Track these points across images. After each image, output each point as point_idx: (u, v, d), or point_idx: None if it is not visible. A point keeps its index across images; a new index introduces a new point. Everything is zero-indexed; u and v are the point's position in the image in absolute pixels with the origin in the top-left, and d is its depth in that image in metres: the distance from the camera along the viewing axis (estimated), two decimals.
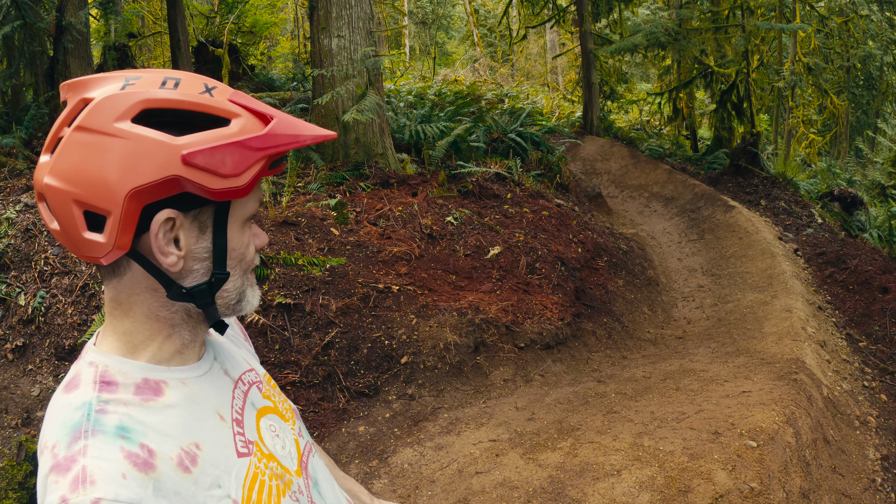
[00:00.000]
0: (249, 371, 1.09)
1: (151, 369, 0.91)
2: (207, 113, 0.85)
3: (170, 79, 0.87)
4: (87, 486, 0.76)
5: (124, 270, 0.90)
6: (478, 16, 22.28)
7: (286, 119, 0.90)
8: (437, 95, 12.30)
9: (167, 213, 0.85)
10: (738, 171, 10.24)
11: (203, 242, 0.90)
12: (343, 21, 6.81)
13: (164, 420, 0.87)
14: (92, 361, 0.91)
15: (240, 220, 0.93)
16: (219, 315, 0.95)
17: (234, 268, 0.94)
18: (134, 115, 0.82)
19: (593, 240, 7.04)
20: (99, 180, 0.80)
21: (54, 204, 0.84)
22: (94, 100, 0.83)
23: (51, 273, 4.93)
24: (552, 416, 3.81)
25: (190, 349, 0.97)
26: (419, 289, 4.97)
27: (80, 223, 0.83)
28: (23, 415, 4.21)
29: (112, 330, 0.93)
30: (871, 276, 6.45)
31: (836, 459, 3.66)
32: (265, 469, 0.97)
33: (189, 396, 0.92)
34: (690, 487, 2.73)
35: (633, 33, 10.40)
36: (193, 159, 0.81)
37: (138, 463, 0.80)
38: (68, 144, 0.82)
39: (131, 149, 0.80)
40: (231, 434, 0.95)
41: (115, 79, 0.86)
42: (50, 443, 0.82)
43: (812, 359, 4.74)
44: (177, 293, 0.90)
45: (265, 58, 15.26)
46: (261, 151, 0.86)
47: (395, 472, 3.39)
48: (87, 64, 8.07)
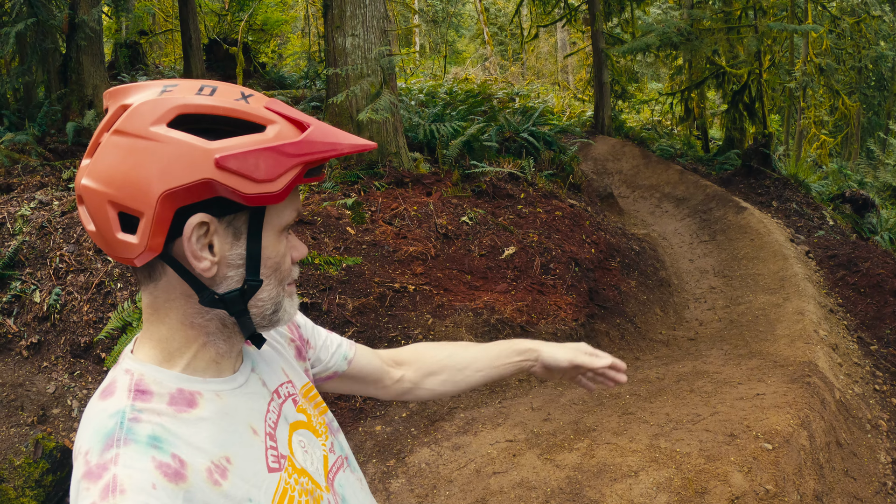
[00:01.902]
0: (287, 383, 1.09)
1: (187, 380, 0.92)
2: (243, 119, 0.86)
3: (207, 86, 0.89)
4: (117, 494, 0.77)
5: (160, 275, 0.90)
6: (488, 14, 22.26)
7: (323, 127, 0.90)
8: (448, 94, 12.31)
9: (200, 217, 0.85)
10: (749, 171, 10.22)
11: (237, 249, 0.90)
12: (357, 20, 6.84)
13: (197, 432, 0.87)
14: (128, 369, 0.92)
15: (276, 228, 0.93)
16: (254, 326, 0.95)
17: (268, 276, 0.93)
18: (170, 119, 0.83)
19: (606, 240, 7.05)
20: (133, 181, 0.82)
21: (91, 205, 0.86)
22: (132, 105, 0.85)
23: (66, 270, 4.95)
24: (568, 416, 3.84)
25: (226, 359, 0.97)
26: (435, 288, 5.00)
27: (115, 224, 0.85)
28: (38, 412, 4.22)
29: (149, 337, 0.94)
30: (883, 279, 6.45)
31: (849, 463, 3.68)
32: (295, 485, 0.97)
33: (223, 409, 0.93)
34: (707, 489, 2.76)
35: (646, 33, 10.38)
36: (227, 163, 0.82)
37: (169, 473, 0.81)
38: (106, 147, 0.84)
39: (165, 151, 0.81)
40: (263, 448, 0.95)
41: (154, 86, 0.88)
42: (83, 449, 0.83)
43: (824, 362, 4.75)
44: (209, 299, 0.90)
45: (276, 56, 15.30)
46: (296, 158, 0.86)
47: (413, 471, 3.42)
48: (99, 61, 8.11)
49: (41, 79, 8.37)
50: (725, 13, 11.09)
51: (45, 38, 7.78)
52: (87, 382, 4.52)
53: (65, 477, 3.91)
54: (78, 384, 4.50)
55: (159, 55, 15.20)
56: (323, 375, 1.29)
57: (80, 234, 5.16)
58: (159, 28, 14.80)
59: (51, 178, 6.41)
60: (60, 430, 4.22)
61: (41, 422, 4.22)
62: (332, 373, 1.30)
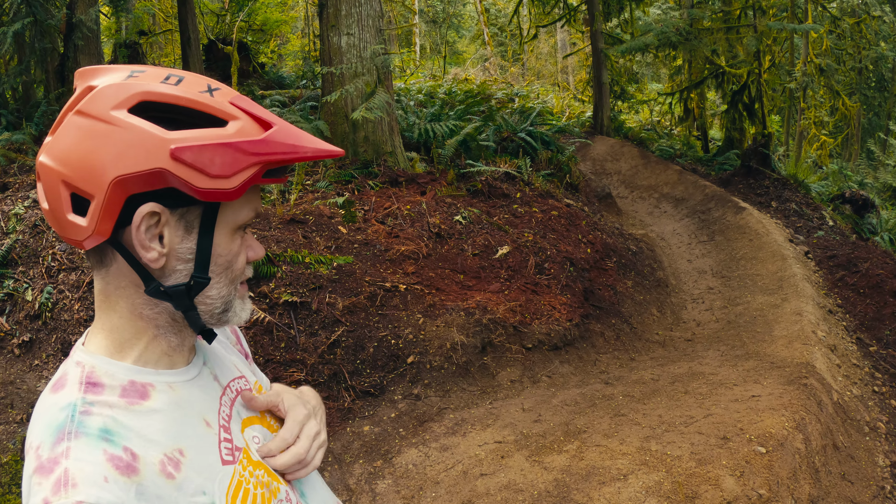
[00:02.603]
0: (239, 378, 1.08)
1: (138, 371, 0.90)
2: (205, 112, 0.85)
3: (173, 75, 0.88)
4: (69, 488, 0.76)
5: (110, 261, 0.90)
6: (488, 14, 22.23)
7: (288, 128, 0.88)
8: (447, 94, 12.28)
9: (151, 207, 0.84)
10: (749, 172, 10.17)
11: (188, 243, 0.89)
12: (353, 19, 6.80)
13: (149, 424, 0.86)
14: (79, 361, 0.90)
15: (230, 226, 0.92)
16: (202, 322, 0.94)
17: (218, 274, 0.93)
18: (131, 105, 0.82)
19: (602, 240, 7.00)
20: (87, 163, 0.81)
21: (45, 183, 0.86)
22: (97, 87, 0.84)
23: (58, 269, 4.94)
24: (559, 418, 3.78)
25: (178, 353, 0.96)
26: (426, 288, 4.95)
27: (66, 204, 0.84)
28: (28, 410, 4.21)
29: (101, 327, 0.93)
30: (883, 280, 6.38)
31: (846, 466, 3.62)
32: (250, 477, 0.95)
33: (175, 401, 0.91)
34: (698, 493, 2.70)
35: (645, 33, 10.34)
36: (182, 154, 0.81)
37: (121, 466, 0.80)
38: (66, 127, 0.84)
39: (122, 137, 0.81)
40: (217, 441, 0.94)
41: (122, 70, 0.87)
42: (35, 443, 0.82)
43: (822, 363, 4.69)
44: (154, 290, 0.89)
45: (275, 56, 15.29)
46: (254, 156, 0.85)
47: (400, 472, 3.37)
48: (97, 61, 8.11)
49: (39, 78, 8.37)
50: (725, 13, 11.05)
51: (43, 37, 7.77)
52: None
53: None
54: None
55: (159, 55, 15.19)
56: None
57: None
58: (159, 28, 14.79)
59: None
60: None
61: (30, 419, 4.21)
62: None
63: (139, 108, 0.83)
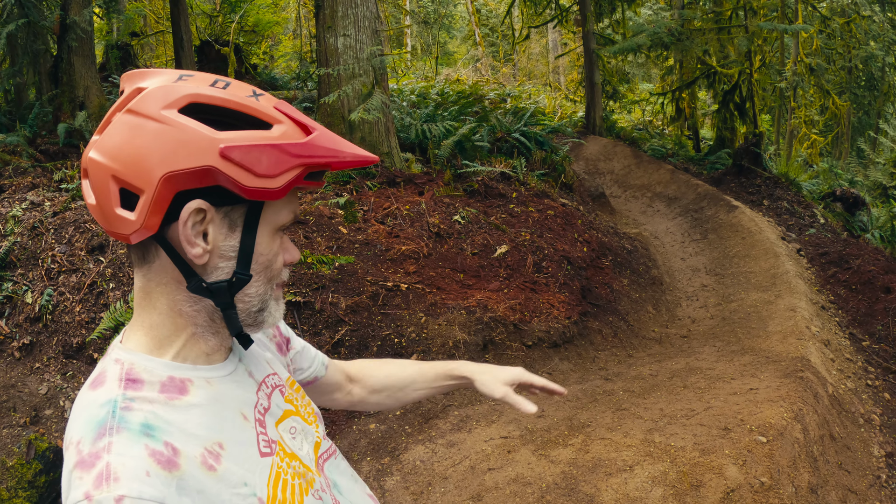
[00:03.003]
0: (272, 375, 1.10)
1: (177, 367, 0.93)
2: (251, 115, 0.88)
3: (221, 80, 0.91)
4: (111, 482, 0.77)
5: (153, 258, 0.92)
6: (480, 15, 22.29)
7: (329, 134, 0.92)
8: (439, 95, 12.32)
9: (198, 204, 0.86)
10: (740, 171, 10.27)
11: (231, 241, 0.91)
12: (349, 20, 6.84)
13: (189, 419, 0.88)
14: (118, 359, 0.92)
15: (272, 226, 0.94)
16: (239, 323, 0.95)
17: (258, 273, 0.95)
18: (181, 106, 0.85)
19: (598, 239, 7.07)
20: (138, 159, 0.84)
21: (94, 179, 0.88)
22: (147, 88, 0.87)
23: (58, 271, 4.92)
24: (562, 413, 3.84)
25: (216, 353, 0.98)
26: (428, 287, 5.00)
27: (115, 199, 0.86)
28: (31, 413, 4.20)
29: (140, 324, 0.95)
30: (874, 276, 6.48)
31: (842, 456, 3.70)
32: (287, 468, 0.98)
33: (214, 396, 0.93)
34: (702, 482, 2.77)
35: (637, 33, 10.43)
36: (230, 153, 0.84)
37: (162, 461, 0.81)
38: (116, 125, 0.86)
39: (173, 135, 0.83)
40: (254, 434, 0.96)
41: (171, 73, 0.91)
42: (75, 439, 0.83)
43: (817, 357, 4.77)
44: (197, 286, 0.91)
45: (267, 57, 15.28)
46: (298, 158, 0.88)
47: (408, 469, 3.41)
48: (90, 62, 8.08)
49: (32, 80, 8.33)
50: (716, 13, 11.15)
51: (36, 39, 7.74)
52: (79, 383, 4.49)
53: (58, 478, 3.89)
54: (70, 385, 4.48)
55: (150, 57, 15.15)
56: (302, 380, 1.32)
57: (72, 234, 5.15)
58: (150, 30, 14.75)
59: (42, 179, 6.38)
60: (53, 431, 4.19)
61: (33, 423, 4.19)
62: (312, 377, 1.34)
63: (189, 109, 0.86)
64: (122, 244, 5.08)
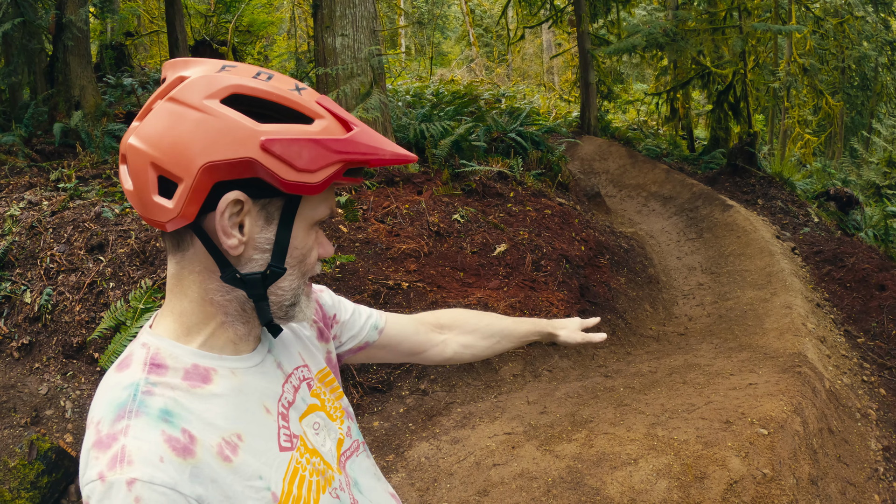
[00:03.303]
0: (303, 367, 1.10)
1: (202, 356, 0.93)
2: (293, 109, 0.88)
3: (264, 73, 0.91)
4: (125, 465, 0.78)
5: (188, 246, 0.92)
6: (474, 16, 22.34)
7: (369, 131, 0.92)
8: (434, 95, 12.35)
9: (236, 195, 0.86)
10: (735, 170, 10.35)
11: (267, 233, 0.91)
12: (347, 20, 6.86)
13: (210, 408, 0.88)
14: (145, 343, 0.93)
15: (308, 220, 0.94)
16: (270, 314, 0.96)
17: (292, 267, 0.95)
18: (224, 96, 0.85)
19: (595, 238, 7.11)
20: (178, 147, 0.83)
21: (133, 165, 0.87)
22: (190, 77, 0.87)
23: (57, 270, 4.90)
24: (564, 409, 3.88)
25: (244, 342, 0.98)
26: (428, 286, 5.02)
27: (153, 186, 0.86)
28: (31, 413, 4.17)
29: (170, 310, 0.95)
30: (869, 274, 6.55)
31: (841, 449, 3.75)
32: (307, 464, 0.98)
33: (237, 387, 0.93)
34: (706, 474, 2.81)
35: (632, 34, 10.49)
36: (271, 146, 0.83)
37: (177, 448, 0.82)
38: (157, 113, 0.86)
39: (214, 125, 0.83)
40: (276, 427, 0.96)
41: (214, 63, 0.91)
42: (96, 418, 0.85)
43: (813, 353, 4.82)
44: (231, 276, 0.91)
45: (262, 57, 15.26)
46: (338, 154, 0.88)
47: (413, 465, 3.44)
48: (86, 62, 8.06)
49: (27, 80, 8.29)
50: (710, 14, 11.23)
51: (32, 38, 7.72)
52: (80, 383, 4.48)
53: (60, 478, 3.88)
54: (71, 385, 4.46)
55: (145, 57, 15.11)
56: (354, 346, 1.31)
57: (71, 234, 5.13)
58: (145, 29, 14.71)
59: (39, 178, 6.37)
60: (54, 432, 4.18)
61: (34, 423, 4.17)
62: (362, 343, 1.33)
63: (230, 99, 0.85)
64: (121, 244, 5.08)
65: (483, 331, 1.51)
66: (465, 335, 1.50)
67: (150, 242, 5.01)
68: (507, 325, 1.54)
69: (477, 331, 1.50)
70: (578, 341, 1.55)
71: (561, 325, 1.57)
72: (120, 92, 10.03)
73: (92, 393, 4.44)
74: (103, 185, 6.07)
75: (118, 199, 5.68)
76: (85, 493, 0.80)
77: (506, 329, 1.53)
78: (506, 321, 1.55)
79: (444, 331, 1.49)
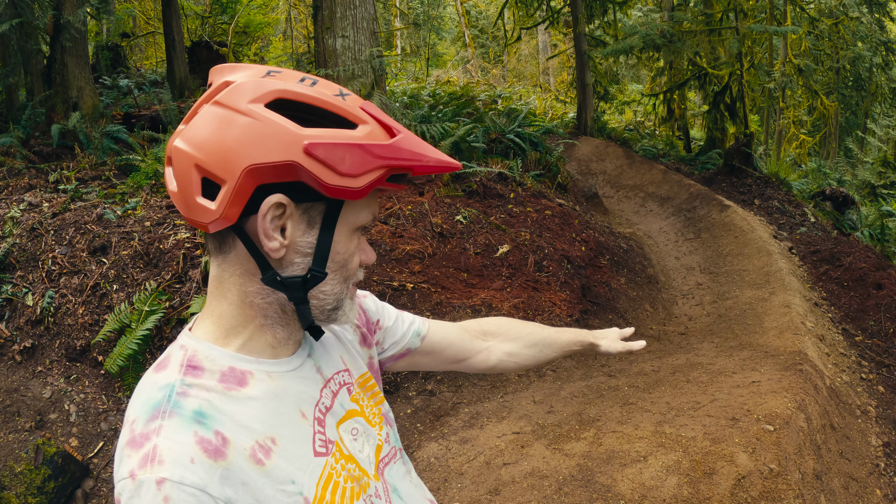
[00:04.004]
0: (343, 371, 1.10)
1: (240, 359, 0.93)
2: (337, 114, 0.88)
3: (308, 78, 0.92)
4: (155, 464, 0.79)
5: (230, 248, 0.93)
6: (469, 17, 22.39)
7: (413, 138, 0.92)
8: (431, 96, 12.38)
9: (278, 198, 0.87)
10: (731, 171, 10.42)
11: (308, 237, 0.91)
12: (347, 21, 6.88)
13: (245, 411, 0.89)
14: (183, 345, 0.94)
15: (350, 225, 0.94)
16: (311, 317, 0.96)
17: (334, 271, 0.95)
18: (268, 101, 0.86)
19: (595, 238, 7.16)
20: (222, 150, 0.85)
21: (178, 167, 0.89)
22: (235, 82, 0.88)
23: (59, 272, 4.87)
24: (570, 408, 3.91)
25: (283, 346, 0.99)
26: (433, 287, 5.05)
27: (196, 187, 0.87)
28: (35, 417, 4.14)
29: (210, 312, 0.96)
30: (866, 273, 6.62)
31: (842, 445, 3.80)
32: (341, 470, 0.98)
33: (273, 391, 0.94)
34: (715, 469, 2.85)
35: (629, 35, 10.54)
36: (315, 150, 0.84)
37: (209, 449, 0.83)
38: (203, 116, 0.88)
39: (258, 128, 0.84)
40: (311, 432, 0.96)
41: (259, 69, 0.92)
42: (131, 417, 0.86)
43: (813, 352, 4.88)
44: (271, 279, 0.92)
45: (258, 59, 15.27)
46: (381, 160, 0.88)
47: (423, 465, 3.47)
48: (84, 63, 8.05)
49: (24, 81, 8.27)
50: (706, 15, 11.30)
51: (29, 39, 7.70)
52: (83, 386, 4.46)
53: (66, 483, 3.86)
54: (75, 388, 4.44)
55: (140, 58, 15.08)
56: (396, 353, 1.32)
57: (73, 235, 5.12)
58: (140, 30, 14.69)
59: (38, 180, 6.36)
60: (59, 436, 4.16)
61: (39, 427, 4.15)
62: (404, 349, 1.33)
63: (275, 104, 0.86)
64: (124, 246, 5.06)
65: (526, 339, 1.50)
66: (509, 343, 1.49)
67: (153, 244, 5.00)
68: (550, 334, 1.53)
69: (520, 339, 1.50)
70: (620, 350, 1.54)
71: (602, 336, 1.57)
72: (116, 93, 10.02)
73: (96, 396, 4.43)
74: (103, 187, 6.06)
75: (119, 201, 5.68)
76: (116, 490, 0.82)
77: (549, 338, 1.52)
78: (548, 330, 1.54)
79: (489, 338, 1.48)
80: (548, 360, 1.54)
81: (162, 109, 8.20)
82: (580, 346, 1.55)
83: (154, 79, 11.69)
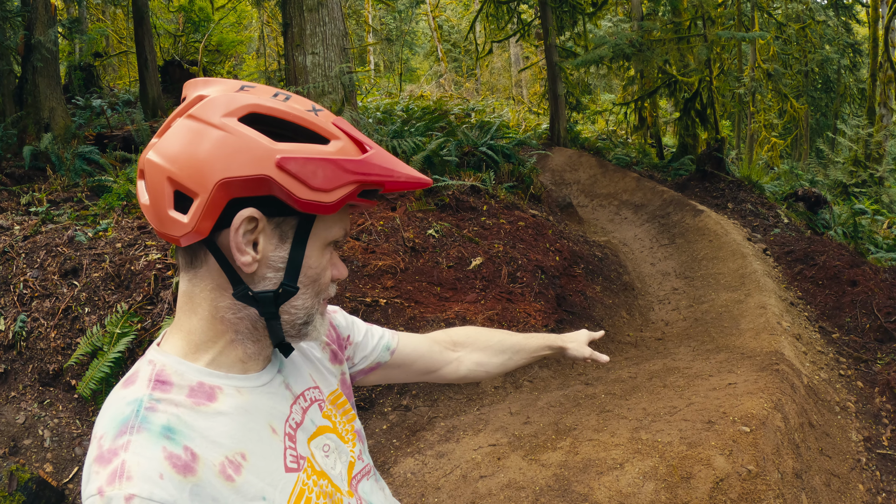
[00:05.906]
0: (313, 388, 1.09)
1: (209, 374, 0.92)
2: (309, 129, 0.89)
3: (281, 94, 0.92)
4: (124, 480, 0.78)
5: (201, 263, 0.92)
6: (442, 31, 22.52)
7: (384, 154, 0.93)
8: (404, 111, 12.40)
9: (251, 212, 0.87)
10: (704, 176, 10.51)
11: (280, 252, 0.91)
12: (317, 38, 6.87)
13: (214, 426, 0.88)
14: (151, 360, 0.93)
15: (322, 240, 0.94)
16: (282, 333, 0.96)
17: (306, 286, 0.95)
18: (241, 115, 0.86)
19: (569, 248, 7.16)
20: (195, 163, 0.84)
21: (150, 179, 0.88)
22: (209, 96, 0.88)
23: (31, 296, 4.80)
24: (547, 418, 3.88)
25: (253, 360, 0.98)
26: (406, 301, 5.01)
27: (168, 200, 0.87)
28: (9, 443, 4.09)
29: (179, 327, 0.95)
30: (840, 271, 6.68)
31: (822, 442, 3.80)
32: (314, 486, 0.97)
33: (243, 406, 0.93)
34: (692, 474, 2.83)
35: (599, 45, 10.65)
36: (287, 165, 0.84)
37: (178, 465, 0.81)
38: (176, 129, 0.87)
39: (231, 142, 0.84)
40: (282, 448, 0.95)
41: (233, 83, 0.92)
42: (99, 433, 0.84)
43: (790, 351, 4.90)
44: (243, 294, 0.91)
45: (231, 76, 15.23)
46: (353, 175, 0.88)
47: (399, 481, 3.41)
48: (55, 83, 7.97)
49: None
50: (675, 24, 11.45)
51: (0, 59, 7.60)
52: (57, 411, 4.39)
53: None
54: (48, 413, 4.37)
55: (114, 77, 14.97)
56: (366, 367, 1.31)
57: (44, 258, 5.04)
58: (113, 50, 14.58)
59: (9, 203, 6.25)
60: (34, 462, 4.08)
61: (13, 453, 4.08)
62: (374, 363, 1.32)
63: (248, 118, 0.86)
64: (95, 268, 4.99)
65: (495, 347, 1.51)
66: (478, 352, 1.50)
67: (124, 266, 4.94)
68: (519, 340, 1.54)
69: (489, 347, 1.51)
70: (586, 356, 1.56)
71: (570, 339, 1.59)
72: (89, 113, 9.92)
73: (70, 420, 4.36)
74: (75, 209, 5.97)
75: (90, 223, 5.60)
76: None
77: (517, 344, 1.53)
78: (517, 337, 1.55)
79: (458, 348, 1.49)
80: (517, 365, 1.55)
81: (134, 129, 8.12)
82: (550, 350, 1.57)
83: (127, 98, 11.59)
